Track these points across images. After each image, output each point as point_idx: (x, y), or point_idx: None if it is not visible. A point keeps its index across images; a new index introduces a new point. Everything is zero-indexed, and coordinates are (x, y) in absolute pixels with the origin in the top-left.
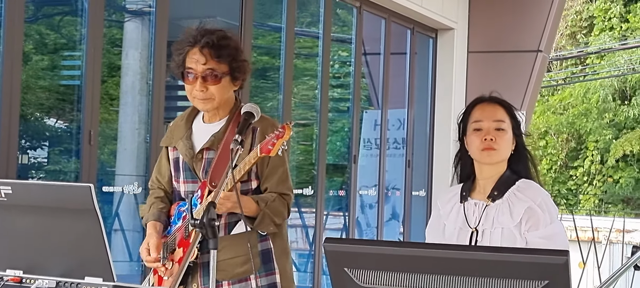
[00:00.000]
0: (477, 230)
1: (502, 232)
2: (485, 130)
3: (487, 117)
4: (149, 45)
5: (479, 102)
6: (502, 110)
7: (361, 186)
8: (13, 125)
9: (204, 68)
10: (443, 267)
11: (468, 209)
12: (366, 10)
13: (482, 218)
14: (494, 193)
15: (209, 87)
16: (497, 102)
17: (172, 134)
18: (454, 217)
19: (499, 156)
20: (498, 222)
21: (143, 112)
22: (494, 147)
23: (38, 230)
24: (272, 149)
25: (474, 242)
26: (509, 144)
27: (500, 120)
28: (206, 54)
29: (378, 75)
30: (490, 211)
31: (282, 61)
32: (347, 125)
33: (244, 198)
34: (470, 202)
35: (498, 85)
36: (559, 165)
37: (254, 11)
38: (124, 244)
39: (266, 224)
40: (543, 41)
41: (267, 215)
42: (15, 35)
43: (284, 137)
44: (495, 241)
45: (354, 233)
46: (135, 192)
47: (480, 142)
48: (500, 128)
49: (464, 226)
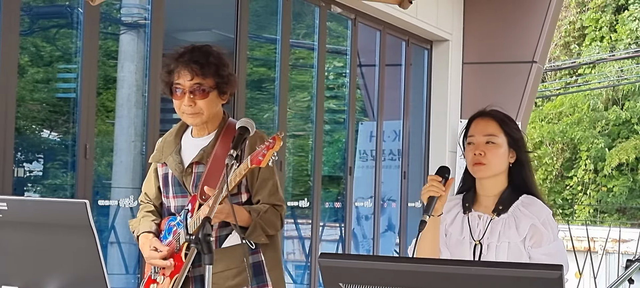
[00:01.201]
0: (480, 244)
1: (508, 246)
2: (475, 145)
3: (479, 131)
4: (145, 57)
5: (476, 117)
6: (495, 124)
7: (357, 198)
8: (8, 139)
9: (191, 83)
10: (438, 282)
11: (472, 221)
12: (361, 22)
13: (487, 232)
14: (498, 207)
15: (197, 101)
16: (491, 116)
17: (162, 150)
18: (457, 227)
19: (488, 170)
20: (505, 236)
21: (139, 125)
22: (483, 161)
23: (34, 246)
24: (263, 160)
25: (479, 255)
26: (501, 158)
27: (490, 134)
28: (192, 69)
29: (373, 87)
30: (495, 225)
31: (277, 73)
32: (343, 137)
33: (237, 208)
34: (474, 214)
35: (493, 96)
36: (554, 175)
37: (249, 23)
38: (120, 257)
39: (258, 234)
40: (537, 52)
41: (258, 225)
42: (11, 47)
43: (274, 147)
44: (502, 255)
45: (350, 245)
46: (131, 205)
47: (472, 156)
48: (490, 142)
49: (467, 238)
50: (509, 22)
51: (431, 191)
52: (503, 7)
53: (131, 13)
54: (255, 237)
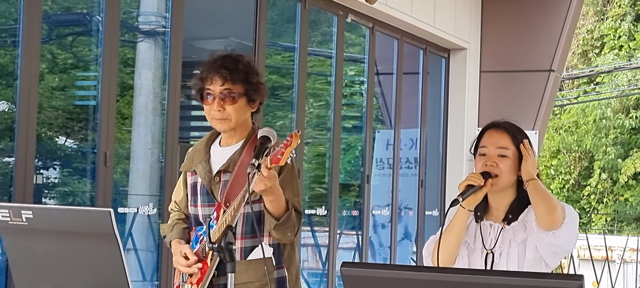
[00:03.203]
0: (492, 253)
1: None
2: (487, 156)
3: (492, 143)
4: (162, 65)
5: (489, 128)
6: (507, 138)
7: (374, 206)
8: (30, 146)
9: (221, 89)
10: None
11: (484, 230)
12: (379, 30)
13: (498, 241)
14: (508, 216)
15: (226, 107)
16: (504, 128)
17: (192, 159)
18: (471, 236)
19: (500, 183)
20: (515, 242)
21: (156, 132)
22: (494, 173)
23: (58, 253)
24: (281, 158)
25: (490, 264)
26: (512, 170)
27: (503, 147)
28: (222, 75)
29: (391, 95)
30: (506, 234)
31: (295, 80)
32: (360, 145)
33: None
34: (486, 223)
35: (510, 105)
36: (571, 184)
37: (267, 31)
38: (138, 264)
39: (287, 228)
40: (555, 60)
41: (291, 219)
42: (32, 56)
43: (292, 145)
44: (512, 261)
45: (367, 253)
46: (149, 213)
47: (482, 167)
48: (502, 155)
49: (480, 246)
50: (527, 31)
51: (470, 180)
52: (521, 15)
53: (149, 21)
54: (284, 230)
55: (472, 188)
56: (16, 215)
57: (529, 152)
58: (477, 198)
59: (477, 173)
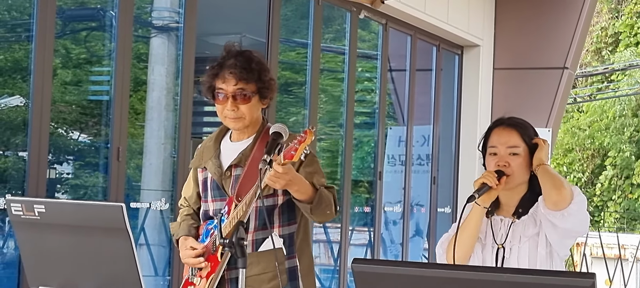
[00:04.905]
0: (503, 248)
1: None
2: (499, 156)
3: (502, 142)
4: (176, 60)
5: (496, 126)
6: (517, 135)
7: (386, 202)
8: (43, 141)
9: (235, 88)
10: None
11: (495, 225)
12: (392, 27)
13: (508, 236)
14: (519, 210)
15: (240, 106)
16: (513, 125)
17: (202, 156)
18: (482, 230)
19: (512, 181)
20: (525, 236)
21: (169, 128)
22: (507, 172)
23: (70, 248)
24: (295, 154)
25: (501, 259)
26: (523, 167)
27: (513, 146)
28: (235, 74)
29: (403, 92)
30: (516, 228)
31: (308, 76)
32: (372, 141)
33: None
34: (496, 218)
35: (524, 102)
36: (584, 182)
37: (280, 27)
38: (150, 259)
39: (324, 207)
40: (569, 58)
41: (325, 197)
42: (46, 52)
43: (305, 141)
44: (523, 256)
45: (379, 250)
46: (161, 208)
47: (494, 166)
48: (513, 153)
49: (490, 242)
50: (541, 28)
51: (484, 179)
52: (534, 12)
53: (162, 16)
54: (321, 210)
55: (487, 187)
56: (29, 209)
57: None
58: (491, 196)
59: (492, 171)
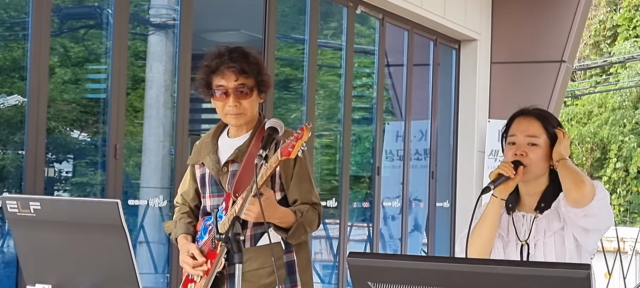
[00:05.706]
0: (527, 244)
1: (554, 241)
2: (517, 145)
3: (521, 130)
4: (173, 58)
5: (518, 116)
6: (538, 125)
7: (384, 197)
8: (40, 139)
9: (236, 84)
10: (464, 280)
11: (517, 221)
12: (389, 21)
13: (532, 231)
14: (541, 205)
15: (242, 102)
16: (535, 115)
17: (199, 152)
18: (504, 227)
19: (530, 173)
20: (550, 230)
21: (167, 125)
22: (524, 162)
23: (66, 245)
24: (292, 151)
25: (526, 255)
26: (543, 159)
27: (533, 135)
28: (235, 70)
29: (401, 87)
30: (539, 223)
31: (305, 73)
32: (370, 137)
33: (283, 209)
34: (518, 214)
35: (521, 96)
36: None
37: (277, 23)
38: (149, 256)
39: (299, 235)
40: (566, 51)
41: (301, 226)
42: (42, 50)
43: (302, 138)
44: (549, 251)
45: (378, 245)
46: (160, 205)
47: (512, 156)
48: (532, 143)
49: (513, 238)
50: (538, 22)
51: (501, 169)
52: (531, 6)
53: (160, 14)
54: (296, 238)
55: (503, 177)
56: (24, 206)
57: (563, 136)
58: (508, 188)
59: (509, 162)
